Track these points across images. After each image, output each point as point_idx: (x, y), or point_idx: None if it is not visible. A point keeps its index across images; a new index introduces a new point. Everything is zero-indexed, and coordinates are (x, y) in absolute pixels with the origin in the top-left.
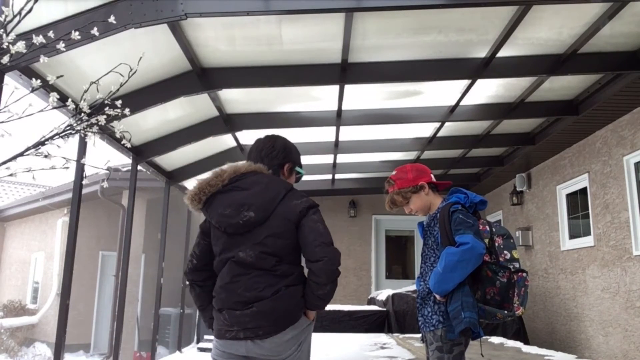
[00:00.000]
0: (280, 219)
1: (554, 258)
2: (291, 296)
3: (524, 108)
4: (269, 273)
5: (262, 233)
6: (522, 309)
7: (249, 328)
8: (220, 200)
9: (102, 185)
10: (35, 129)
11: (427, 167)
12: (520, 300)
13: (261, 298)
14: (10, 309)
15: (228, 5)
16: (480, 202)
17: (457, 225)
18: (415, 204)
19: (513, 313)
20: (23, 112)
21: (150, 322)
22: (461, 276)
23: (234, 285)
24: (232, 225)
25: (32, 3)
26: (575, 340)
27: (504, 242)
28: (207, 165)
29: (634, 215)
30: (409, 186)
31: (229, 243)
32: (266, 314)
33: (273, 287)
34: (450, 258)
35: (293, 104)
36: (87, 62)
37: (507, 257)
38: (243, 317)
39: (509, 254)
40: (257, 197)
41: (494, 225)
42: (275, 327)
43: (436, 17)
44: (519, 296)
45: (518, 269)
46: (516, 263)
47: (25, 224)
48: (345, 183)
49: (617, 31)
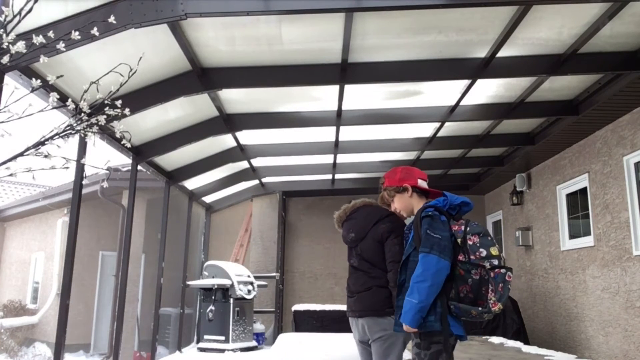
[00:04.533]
0: (370, 238)
1: (554, 258)
2: (378, 293)
3: (524, 108)
4: (366, 274)
5: (361, 247)
6: (499, 305)
7: (354, 310)
8: (345, 225)
9: (102, 185)
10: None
11: (422, 171)
12: (497, 297)
13: (360, 291)
14: (10, 309)
15: (228, 5)
16: (462, 204)
17: (424, 242)
18: (398, 203)
19: (488, 309)
20: (23, 112)
21: (150, 322)
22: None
23: (350, 281)
24: (347, 241)
25: (32, 3)
26: (575, 340)
27: (481, 239)
28: (207, 165)
29: (634, 215)
30: (394, 186)
31: (349, 253)
32: (362, 302)
33: (367, 285)
34: (421, 286)
35: (293, 104)
36: (87, 62)
37: (483, 255)
38: (351, 302)
39: (485, 251)
40: (357, 224)
41: (470, 224)
42: (364, 312)
43: (436, 17)
44: (494, 292)
45: (496, 265)
46: (494, 260)
47: (25, 224)
48: (345, 183)
49: (617, 31)
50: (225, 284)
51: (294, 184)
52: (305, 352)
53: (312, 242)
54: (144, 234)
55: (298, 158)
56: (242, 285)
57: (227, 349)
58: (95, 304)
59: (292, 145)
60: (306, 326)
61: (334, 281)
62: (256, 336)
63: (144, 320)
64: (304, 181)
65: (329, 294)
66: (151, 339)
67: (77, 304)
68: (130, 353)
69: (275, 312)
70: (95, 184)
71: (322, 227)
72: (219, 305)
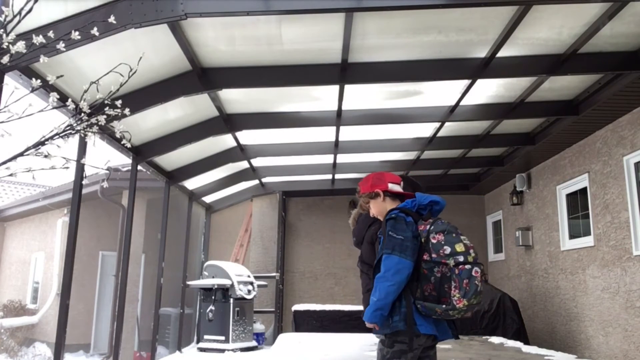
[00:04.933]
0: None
1: (554, 258)
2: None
3: (524, 108)
4: (367, 276)
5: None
6: (465, 301)
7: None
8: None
9: (102, 185)
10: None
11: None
12: (462, 293)
13: (364, 292)
14: (10, 309)
15: (228, 5)
16: (431, 203)
17: (386, 243)
18: (374, 209)
19: (453, 306)
20: (23, 112)
21: (150, 322)
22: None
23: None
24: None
25: (32, 3)
26: (575, 340)
27: (445, 237)
28: (207, 165)
29: (634, 215)
30: (367, 192)
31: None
32: (365, 303)
33: (368, 286)
34: (382, 285)
35: (293, 104)
36: (87, 62)
37: (447, 252)
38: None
39: (450, 248)
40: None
41: (436, 223)
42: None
43: (436, 17)
44: (458, 289)
45: (461, 261)
46: (459, 256)
47: (25, 224)
48: (345, 183)
49: (617, 31)
50: (225, 284)
51: (294, 184)
52: (305, 352)
53: (312, 242)
54: (144, 234)
55: (298, 158)
56: (242, 285)
57: (227, 349)
58: (95, 304)
59: (292, 145)
60: (306, 326)
61: (333, 281)
62: (256, 336)
63: (144, 320)
64: (304, 181)
65: (329, 294)
66: (151, 339)
67: (77, 304)
68: (130, 353)
69: (275, 312)
70: (95, 184)
71: (322, 227)
72: (219, 305)
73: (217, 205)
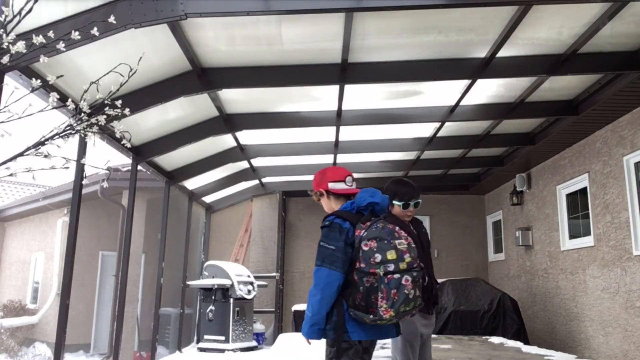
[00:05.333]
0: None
1: (554, 258)
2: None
3: (524, 108)
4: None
5: None
6: (392, 312)
7: None
8: None
9: (102, 185)
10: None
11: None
12: (389, 304)
13: None
14: (10, 309)
15: (228, 5)
16: (370, 204)
17: (317, 255)
18: (325, 207)
19: (380, 317)
20: (23, 112)
21: (150, 322)
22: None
23: None
24: None
25: (32, 3)
26: (575, 340)
27: (377, 244)
28: (207, 165)
29: (634, 215)
30: (315, 190)
31: None
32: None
33: None
34: (313, 300)
35: (293, 104)
36: (87, 62)
37: (377, 260)
38: None
39: (381, 256)
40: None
41: (369, 229)
42: None
43: (436, 17)
44: (386, 299)
45: (390, 271)
46: (390, 265)
47: (25, 224)
48: None
49: (617, 31)
50: (225, 284)
51: (294, 184)
52: (305, 352)
53: (312, 242)
54: (144, 234)
55: (298, 158)
56: (242, 285)
57: (227, 349)
58: (95, 304)
59: (292, 145)
60: None
61: None
62: (256, 336)
63: (144, 320)
64: (304, 181)
65: None
66: (151, 339)
67: (77, 304)
68: (130, 353)
69: (275, 312)
70: (95, 184)
71: None
72: (219, 305)
73: (217, 205)
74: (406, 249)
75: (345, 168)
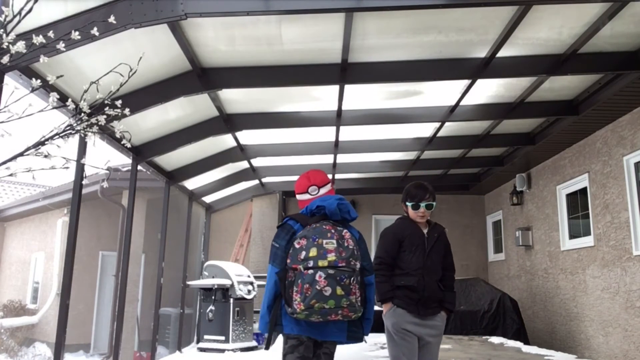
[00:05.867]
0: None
1: (554, 258)
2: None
3: (524, 108)
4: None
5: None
6: (303, 305)
7: None
8: None
9: (102, 185)
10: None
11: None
12: (301, 298)
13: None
14: (10, 309)
15: (228, 5)
16: (318, 208)
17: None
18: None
19: (294, 310)
20: (23, 112)
21: (150, 322)
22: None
23: None
24: None
25: (32, 3)
26: (575, 340)
27: (306, 242)
28: (207, 165)
29: (634, 215)
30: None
31: None
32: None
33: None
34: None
35: (293, 104)
36: (87, 62)
37: (302, 257)
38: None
39: (305, 253)
40: None
41: (305, 228)
42: None
43: (436, 17)
44: (300, 293)
45: (308, 266)
46: (310, 261)
47: (25, 224)
48: (345, 183)
49: (617, 31)
50: (225, 284)
51: (294, 184)
52: None
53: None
54: (144, 234)
55: (298, 158)
56: (242, 285)
57: (227, 349)
58: (95, 304)
59: (292, 145)
60: None
61: None
62: (256, 336)
63: (144, 320)
64: None
65: None
66: (151, 339)
67: (77, 304)
68: (130, 353)
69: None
70: (95, 184)
71: None
72: (219, 305)
73: (217, 205)
74: (333, 249)
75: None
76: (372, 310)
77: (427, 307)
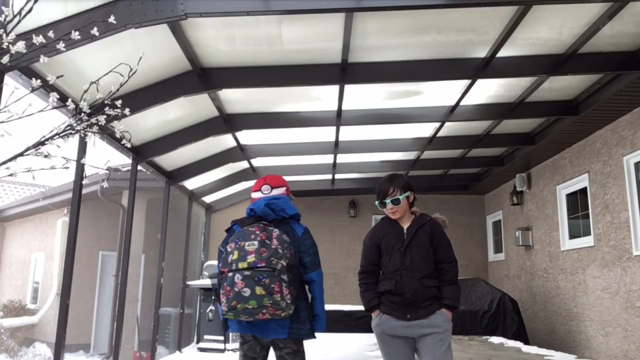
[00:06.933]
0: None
1: (554, 258)
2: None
3: (524, 108)
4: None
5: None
6: (225, 306)
7: None
8: None
9: (102, 185)
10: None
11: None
12: (225, 299)
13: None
14: (10, 309)
15: (228, 5)
16: (252, 211)
17: None
18: None
19: (222, 311)
20: (23, 112)
21: (150, 322)
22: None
23: None
24: None
25: (32, 3)
26: (575, 340)
27: (235, 245)
28: (207, 165)
29: (634, 215)
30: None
31: None
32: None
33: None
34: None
35: (293, 104)
36: (87, 62)
37: (229, 260)
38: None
39: (231, 256)
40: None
41: (235, 233)
42: None
43: (436, 17)
44: (225, 295)
45: (231, 269)
46: (233, 264)
47: (25, 224)
48: (345, 183)
49: (617, 31)
50: None
51: (294, 184)
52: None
53: None
54: (144, 234)
55: (298, 158)
56: None
57: (227, 349)
58: (95, 304)
59: (292, 145)
60: None
61: (334, 281)
62: None
63: (144, 320)
64: (304, 181)
65: (329, 294)
66: (151, 339)
67: (77, 304)
68: (130, 353)
69: None
70: (95, 184)
71: (322, 227)
72: (219, 305)
73: (217, 205)
74: (253, 250)
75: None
76: (320, 307)
77: (416, 309)
